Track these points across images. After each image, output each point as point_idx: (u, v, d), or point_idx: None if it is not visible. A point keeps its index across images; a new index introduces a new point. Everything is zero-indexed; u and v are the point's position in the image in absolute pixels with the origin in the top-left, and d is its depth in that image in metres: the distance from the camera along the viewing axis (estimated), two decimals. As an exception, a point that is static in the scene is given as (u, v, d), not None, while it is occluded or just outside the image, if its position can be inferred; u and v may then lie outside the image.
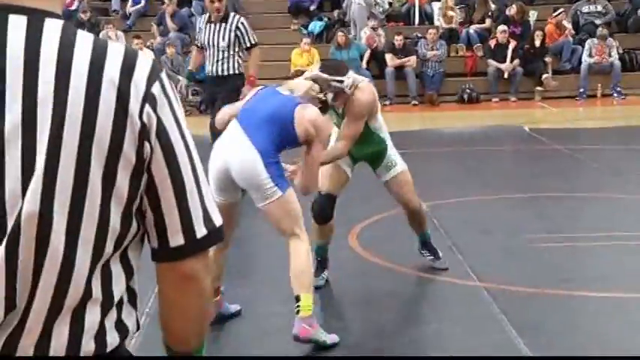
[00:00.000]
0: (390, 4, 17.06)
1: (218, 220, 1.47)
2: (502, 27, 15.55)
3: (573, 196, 7.79)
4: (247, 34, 8.04)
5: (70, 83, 1.33)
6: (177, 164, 1.41)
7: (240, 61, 8.11)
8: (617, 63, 15.43)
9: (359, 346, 4.38)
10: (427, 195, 7.41)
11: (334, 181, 5.17)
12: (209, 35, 8.03)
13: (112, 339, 1.43)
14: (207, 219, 1.45)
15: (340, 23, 16.48)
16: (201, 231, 1.44)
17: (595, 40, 15.56)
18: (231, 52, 7.98)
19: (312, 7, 17.09)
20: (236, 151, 4.31)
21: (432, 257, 5.55)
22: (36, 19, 1.37)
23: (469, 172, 9.14)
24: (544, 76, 15.30)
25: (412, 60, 15.26)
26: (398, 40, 15.32)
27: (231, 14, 8.19)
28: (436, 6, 16.89)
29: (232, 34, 7.96)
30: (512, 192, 8.00)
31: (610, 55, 15.49)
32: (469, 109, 14.81)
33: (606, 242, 6.03)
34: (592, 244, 6.04)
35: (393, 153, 5.31)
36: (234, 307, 4.75)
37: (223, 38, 7.95)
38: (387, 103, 14.80)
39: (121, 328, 1.44)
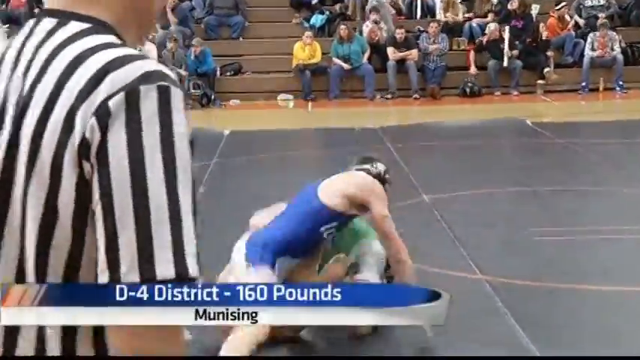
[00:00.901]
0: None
1: (164, 270, 1.16)
2: (493, 25, 15.50)
3: (575, 189, 7.78)
4: None
5: (37, 88, 1.23)
6: (110, 191, 1.16)
7: None
8: (620, 57, 15.39)
9: (360, 339, 4.37)
10: (429, 188, 7.42)
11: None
12: None
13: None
14: (144, 265, 1.16)
15: (342, 17, 16.46)
16: (131, 276, 1.16)
17: (597, 33, 15.53)
18: None
19: (314, 1, 17.06)
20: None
21: None
22: (63, 22, 1.27)
23: (471, 165, 9.13)
24: (545, 69, 15.28)
25: (414, 53, 15.24)
26: (400, 34, 15.30)
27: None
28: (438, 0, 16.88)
29: None
30: (514, 185, 8.01)
31: (612, 49, 15.45)
32: (471, 102, 14.79)
33: (608, 235, 6.03)
34: (594, 238, 6.04)
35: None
36: None
37: None
38: (389, 96, 14.85)
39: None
